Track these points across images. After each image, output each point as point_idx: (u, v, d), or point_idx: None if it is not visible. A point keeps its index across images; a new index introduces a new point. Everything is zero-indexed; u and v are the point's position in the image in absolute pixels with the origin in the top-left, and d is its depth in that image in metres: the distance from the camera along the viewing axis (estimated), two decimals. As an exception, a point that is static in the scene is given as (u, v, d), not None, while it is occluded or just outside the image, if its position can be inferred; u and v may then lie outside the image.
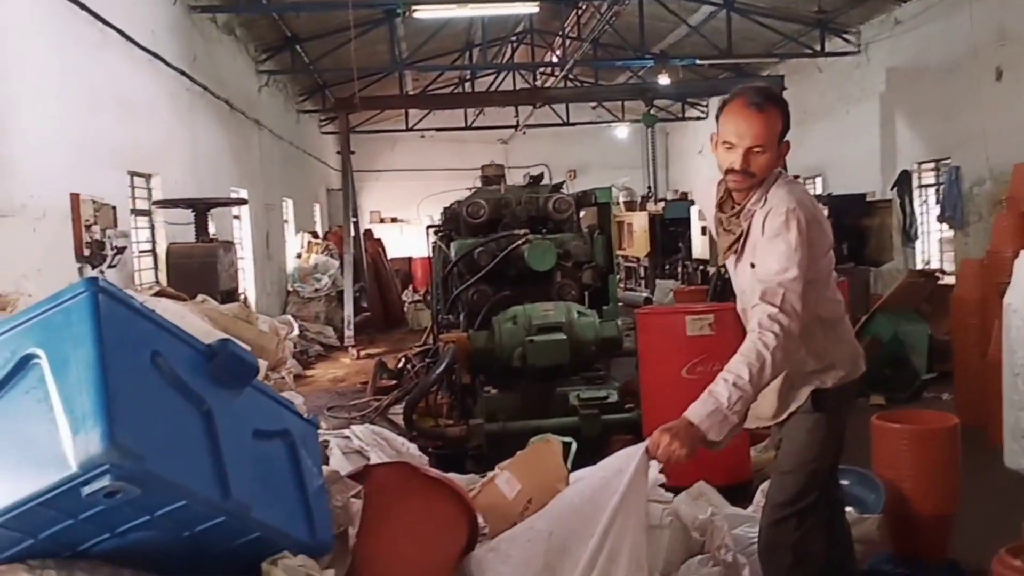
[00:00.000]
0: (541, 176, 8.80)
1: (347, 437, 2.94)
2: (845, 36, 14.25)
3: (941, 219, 12.10)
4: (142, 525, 1.86)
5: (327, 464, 2.66)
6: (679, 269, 15.65)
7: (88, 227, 7.07)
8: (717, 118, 2.94)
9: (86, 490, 1.70)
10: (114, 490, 1.71)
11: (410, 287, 17.69)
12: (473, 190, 8.74)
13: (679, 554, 3.36)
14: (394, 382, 8.46)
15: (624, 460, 2.33)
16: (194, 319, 5.38)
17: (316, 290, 13.82)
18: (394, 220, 23.96)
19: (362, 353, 11.87)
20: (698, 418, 2.61)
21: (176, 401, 2.00)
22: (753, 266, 2.89)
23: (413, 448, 3.17)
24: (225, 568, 2.02)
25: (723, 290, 10.16)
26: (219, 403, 2.08)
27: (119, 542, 1.86)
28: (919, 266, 12.59)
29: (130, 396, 1.81)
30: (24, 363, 1.86)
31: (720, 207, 3.06)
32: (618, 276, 11.55)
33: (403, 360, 8.96)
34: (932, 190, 12.84)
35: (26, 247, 6.04)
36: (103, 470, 1.69)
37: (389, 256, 16.91)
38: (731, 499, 4.12)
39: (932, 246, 13.12)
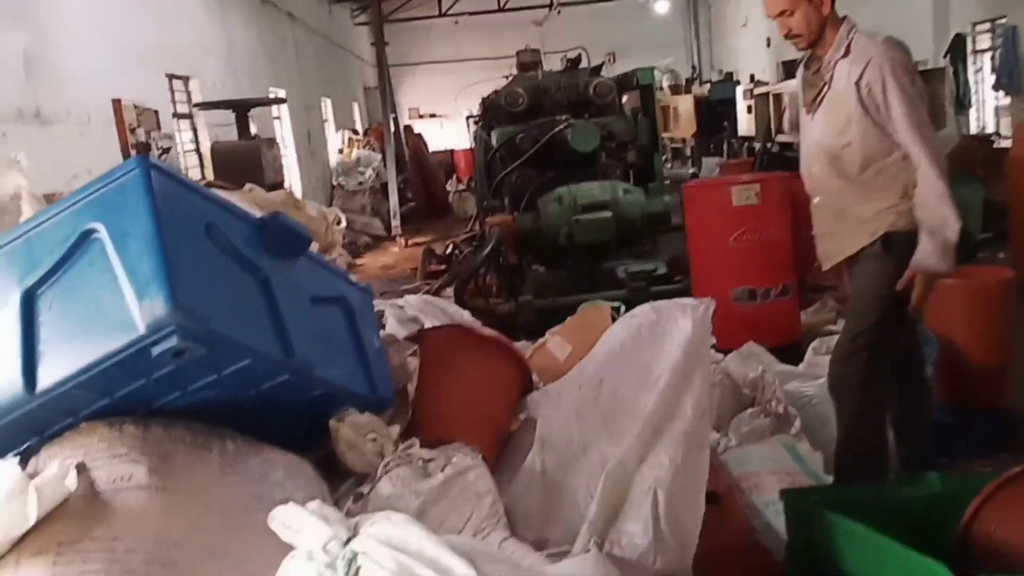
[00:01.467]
0: (579, 59, 8.63)
1: (401, 307, 3.00)
2: None
3: (997, 87, 11.65)
4: (211, 384, 1.94)
5: (383, 331, 2.72)
6: (724, 147, 15.45)
7: (132, 130, 7.16)
8: None
9: (155, 351, 1.76)
10: (181, 350, 1.77)
11: (454, 177, 17.66)
12: (510, 77, 8.60)
13: (730, 409, 3.42)
14: (443, 267, 8.55)
15: (679, 309, 2.31)
16: (243, 206, 5.42)
17: (360, 183, 13.88)
18: (433, 116, 23.79)
19: (410, 242, 11.98)
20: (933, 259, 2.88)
21: (233, 270, 2.05)
22: (829, 124, 3.05)
23: (466, 315, 3.24)
24: (293, 424, 2.11)
25: (769, 162, 10.01)
26: (275, 272, 2.13)
27: (191, 400, 1.94)
28: (973, 132, 12.21)
29: (189, 264, 1.86)
30: (85, 237, 1.92)
31: (806, 65, 3.27)
32: (664, 157, 11.44)
33: (451, 246, 9.05)
34: (987, 56, 12.30)
35: (75, 151, 6.15)
36: (169, 331, 1.75)
37: (431, 150, 16.85)
38: (781, 359, 4.16)
39: (987, 114, 12.66)
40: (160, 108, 7.88)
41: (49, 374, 1.82)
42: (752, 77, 17.21)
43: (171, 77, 8.69)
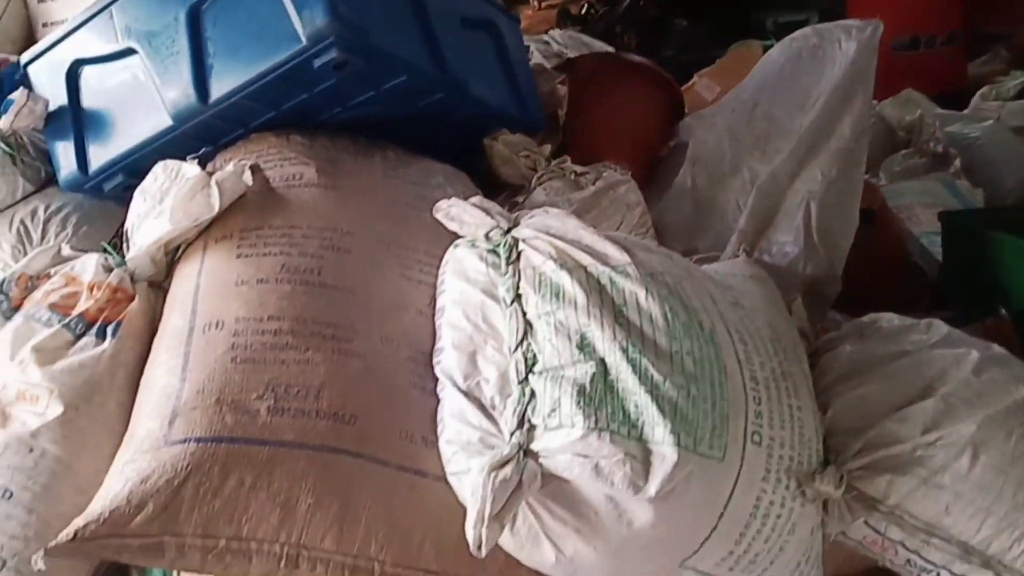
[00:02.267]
0: None
1: (547, 42, 2.97)
2: None
3: None
4: (370, 100, 2.01)
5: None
6: None
7: None
8: None
9: (316, 62, 1.83)
10: (341, 62, 1.83)
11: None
12: None
13: (883, 151, 3.30)
14: (579, 28, 8.30)
15: (842, 30, 2.19)
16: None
17: (492, -54, 13.43)
18: None
19: (543, 4, 11.63)
20: None
21: (385, -12, 2.05)
22: None
23: (613, 50, 3.18)
24: (449, 145, 2.17)
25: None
26: (425, -8, 2.12)
27: (352, 115, 2.02)
28: None
29: (345, -20, 1.88)
30: (244, -45, 1.94)
31: None
32: None
33: (586, 7, 8.73)
34: None
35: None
36: (329, 43, 1.80)
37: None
38: (943, 107, 3.93)
39: None
40: None
41: (220, 86, 1.93)
42: None
43: None
